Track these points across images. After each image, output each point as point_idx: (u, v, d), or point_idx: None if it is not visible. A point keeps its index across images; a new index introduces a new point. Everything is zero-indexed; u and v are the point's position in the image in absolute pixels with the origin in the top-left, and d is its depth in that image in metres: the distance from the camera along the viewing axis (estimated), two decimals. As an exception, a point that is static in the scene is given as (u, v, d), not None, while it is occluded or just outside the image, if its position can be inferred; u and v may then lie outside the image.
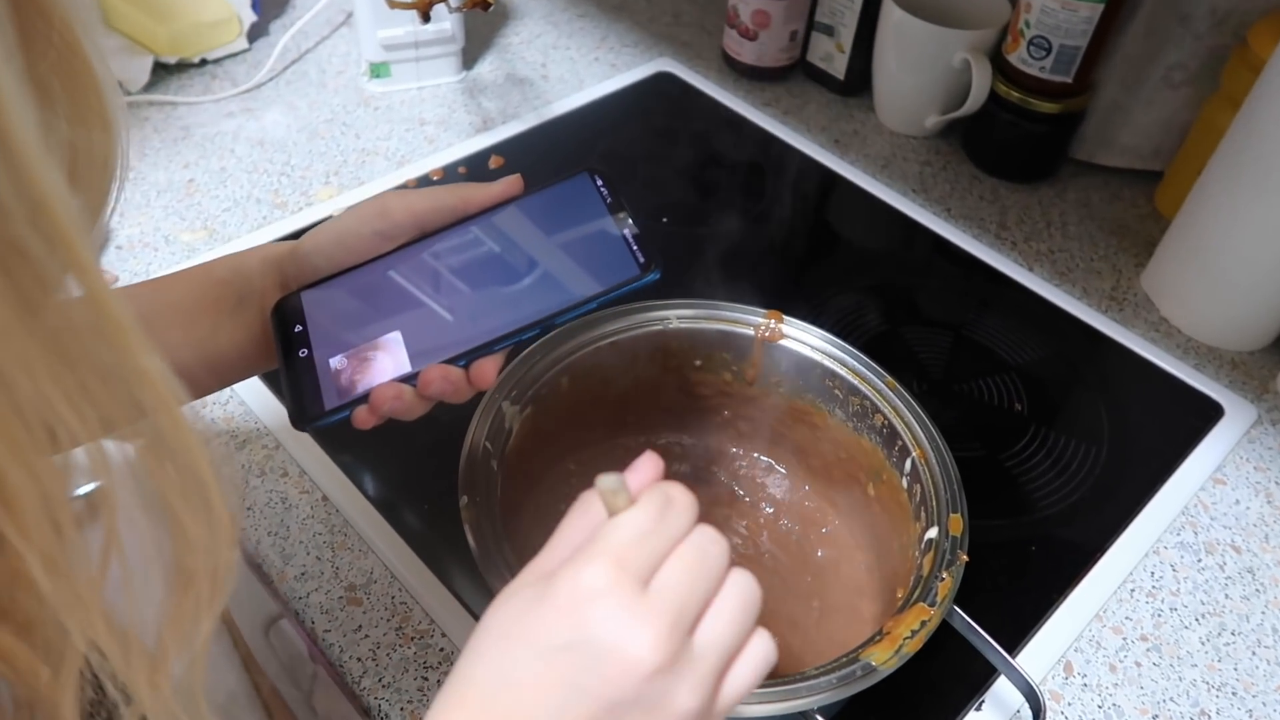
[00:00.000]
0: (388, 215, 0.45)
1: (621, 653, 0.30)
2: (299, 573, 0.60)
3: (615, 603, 0.31)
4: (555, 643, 0.31)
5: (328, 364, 0.43)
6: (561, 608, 0.31)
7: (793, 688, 0.44)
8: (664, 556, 0.32)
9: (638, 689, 0.30)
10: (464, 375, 0.42)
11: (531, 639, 0.31)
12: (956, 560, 0.49)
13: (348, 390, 0.42)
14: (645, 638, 0.30)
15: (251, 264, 0.46)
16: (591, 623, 0.31)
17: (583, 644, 0.30)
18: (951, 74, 0.90)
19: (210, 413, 0.68)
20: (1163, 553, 0.65)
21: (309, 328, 0.44)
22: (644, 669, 0.30)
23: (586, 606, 0.31)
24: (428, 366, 0.41)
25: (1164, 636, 0.60)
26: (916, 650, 0.45)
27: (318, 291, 0.45)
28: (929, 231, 0.87)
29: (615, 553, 0.32)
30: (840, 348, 0.59)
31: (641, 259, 0.44)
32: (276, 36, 1.01)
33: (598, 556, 0.32)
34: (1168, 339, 0.79)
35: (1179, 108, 0.86)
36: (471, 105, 0.97)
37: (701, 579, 0.33)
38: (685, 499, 0.34)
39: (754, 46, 0.99)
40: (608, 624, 0.30)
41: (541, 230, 0.46)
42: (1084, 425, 0.72)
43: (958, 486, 0.53)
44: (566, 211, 0.46)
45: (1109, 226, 0.89)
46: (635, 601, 0.31)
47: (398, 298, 0.44)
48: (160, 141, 0.90)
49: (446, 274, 0.45)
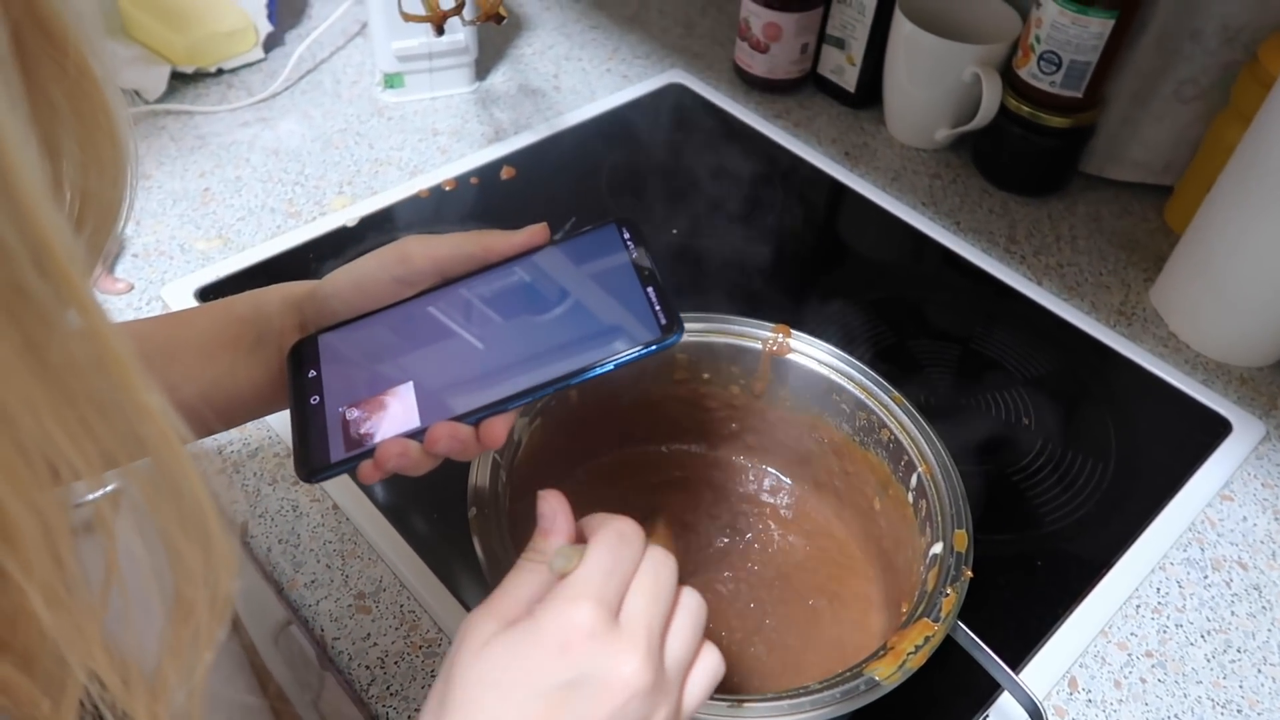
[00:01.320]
0: (408, 261, 0.45)
1: (617, 681, 0.34)
2: (309, 580, 0.61)
3: (604, 638, 0.34)
4: (554, 682, 0.34)
5: (338, 413, 0.42)
6: (553, 649, 0.34)
7: (796, 702, 0.44)
8: (627, 587, 0.36)
9: (628, 709, 0.34)
10: (473, 433, 0.41)
11: (528, 682, 0.34)
12: (961, 576, 0.50)
13: (355, 443, 0.41)
14: (633, 664, 0.34)
15: (272, 303, 0.46)
16: (586, 658, 0.34)
17: (581, 680, 0.34)
18: (962, 88, 0.91)
19: (223, 421, 0.69)
20: (1169, 569, 0.65)
21: (322, 374, 0.44)
22: (636, 690, 0.34)
23: (580, 645, 0.34)
24: (436, 424, 0.41)
25: (1169, 653, 0.60)
26: (920, 666, 0.46)
27: (334, 335, 0.45)
28: (938, 245, 0.87)
29: (594, 593, 0.35)
30: (848, 362, 0.59)
31: (664, 320, 0.43)
32: (292, 46, 1.02)
33: (580, 598, 0.35)
34: (1176, 354, 0.79)
35: (1189, 123, 0.87)
36: (484, 116, 0.98)
37: (660, 600, 0.37)
38: (633, 530, 0.38)
39: (765, 59, 0.99)
40: (601, 658, 0.34)
41: (563, 284, 0.45)
42: (1091, 440, 0.72)
43: (963, 502, 0.53)
44: (590, 264, 0.45)
45: (1118, 241, 0.89)
46: (617, 634, 0.35)
47: (412, 346, 0.44)
48: (176, 150, 0.91)
49: (463, 324, 0.44)
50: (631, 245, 0.46)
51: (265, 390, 0.46)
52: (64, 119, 0.24)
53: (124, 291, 0.77)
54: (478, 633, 0.36)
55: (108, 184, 0.25)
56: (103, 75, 0.24)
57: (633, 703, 0.34)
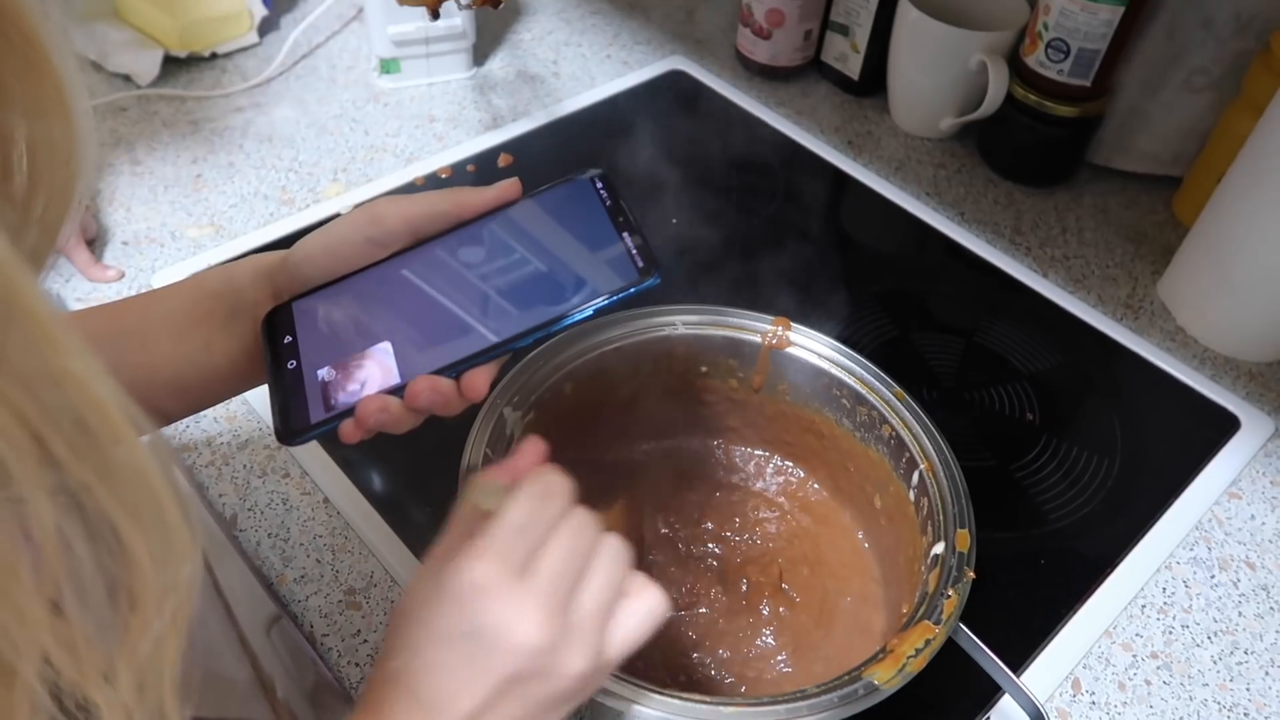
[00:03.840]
0: (380, 222, 0.44)
1: (509, 638, 0.35)
2: (298, 575, 0.59)
3: (498, 594, 0.35)
4: (454, 631, 0.35)
5: (316, 376, 0.42)
6: (454, 600, 0.35)
7: (793, 706, 0.43)
8: (542, 542, 0.37)
9: (529, 664, 0.35)
10: (454, 387, 0.41)
11: (435, 626, 0.35)
12: (963, 577, 0.48)
13: (334, 403, 0.41)
14: (526, 623, 0.35)
15: (244, 275, 0.45)
16: (480, 614, 0.35)
17: (476, 633, 0.35)
18: (968, 76, 0.89)
19: (211, 411, 0.68)
20: (1175, 568, 0.63)
21: (298, 339, 0.43)
22: (530, 647, 0.35)
23: (475, 599, 0.35)
24: (416, 378, 0.40)
25: (1175, 654, 0.59)
26: (921, 669, 0.45)
27: (309, 301, 0.44)
28: (942, 235, 0.86)
29: (496, 549, 0.36)
30: (848, 356, 0.58)
31: (640, 264, 0.42)
32: (287, 31, 1.01)
33: (482, 554, 0.36)
34: (1184, 349, 0.78)
35: (1200, 113, 0.85)
36: (482, 102, 0.96)
37: (575, 557, 0.37)
38: (561, 485, 0.39)
39: (768, 45, 0.98)
40: (493, 614, 0.35)
41: (538, 235, 0.44)
42: (1097, 436, 0.70)
43: (966, 501, 0.52)
44: (565, 216, 0.45)
45: (1126, 233, 0.87)
46: (515, 591, 0.35)
47: (389, 307, 0.43)
48: (169, 136, 0.89)
49: (439, 282, 0.43)
50: (605, 195, 0.45)
51: (243, 364, 0.45)
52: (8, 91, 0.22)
53: (114, 279, 0.76)
54: (422, 566, 0.38)
55: (59, 161, 0.24)
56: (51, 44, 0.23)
57: (533, 660, 0.35)
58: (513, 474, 0.39)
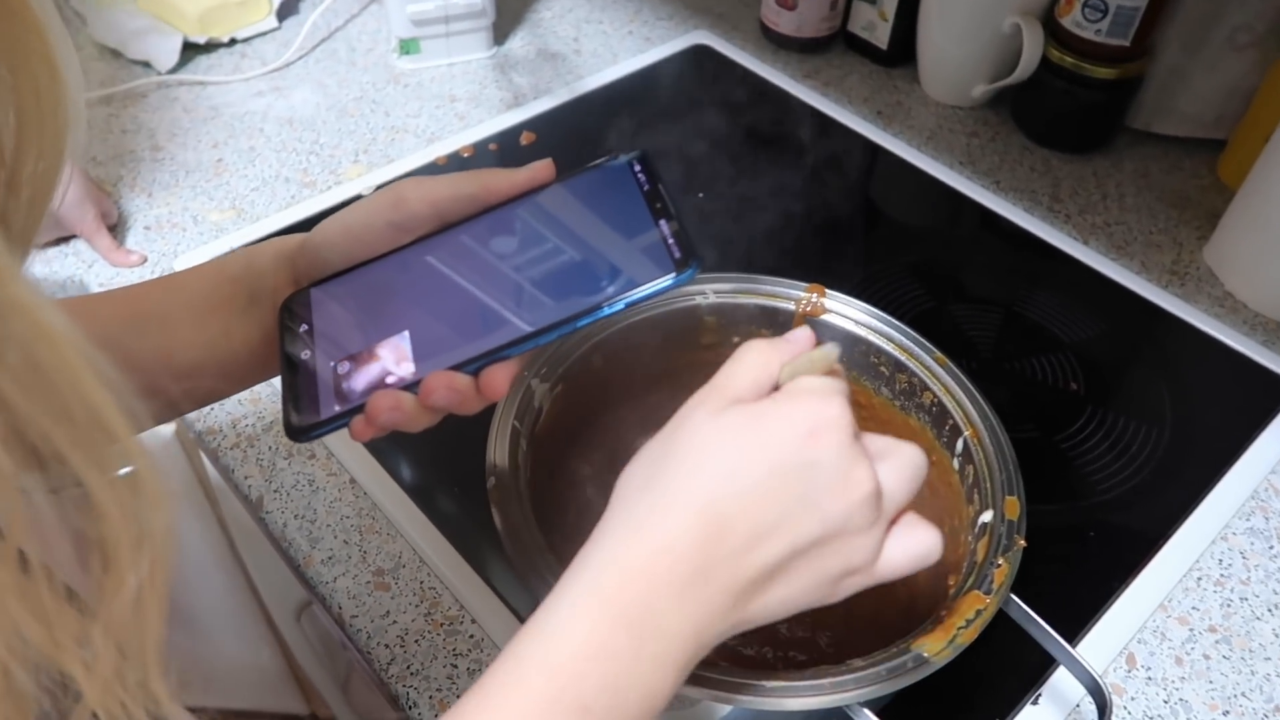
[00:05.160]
0: (403, 205, 0.42)
1: (854, 479, 0.34)
2: (326, 557, 0.58)
3: (850, 435, 0.34)
4: (795, 461, 0.33)
5: (329, 368, 0.40)
6: (800, 431, 0.34)
7: (839, 680, 0.41)
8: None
9: (852, 511, 0.34)
10: (472, 384, 0.38)
11: (767, 453, 0.34)
12: (1014, 545, 0.46)
13: (346, 398, 0.38)
14: (864, 469, 0.34)
15: (264, 259, 0.44)
16: (829, 450, 0.33)
17: (819, 464, 0.33)
18: (1000, 40, 0.86)
19: (237, 394, 0.67)
20: (1231, 539, 0.61)
21: (314, 328, 0.41)
22: (868, 493, 0.34)
23: (827, 436, 0.34)
24: (431, 374, 0.38)
25: (1234, 628, 0.57)
26: (971, 640, 0.43)
27: (327, 288, 0.42)
28: (977, 205, 0.83)
29: (844, 396, 0.35)
30: (886, 322, 0.56)
31: (677, 255, 0.39)
32: (306, 14, 1.00)
33: (833, 394, 0.35)
34: (1233, 314, 0.75)
35: (1244, 72, 0.82)
36: (503, 81, 0.95)
37: (879, 438, 0.37)
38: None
39: (793, 16, 0.95)
40: (843, 451, 0.34)
41: (570, 222, 0.42)
42: (1145, 405, 0.68)
43: (1014, 467, 0.50)
44: (599, 201, 0.42)
45: (1168, 198, 0.85)
46: (854, 442, 0.34)
47: (408, 296, 0.41)
48: (189, 121, 0.88)
49: (462, 270, 0.41)
50: (644, 179, 0.42)
51: (261, 351, 0.43)
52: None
53: (137, 264, 0.75)
54: (706, 406, 0.36)
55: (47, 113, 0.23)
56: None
57: (864, 507, 0.34)
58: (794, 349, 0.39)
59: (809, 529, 0.33)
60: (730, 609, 0.34)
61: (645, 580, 0.33)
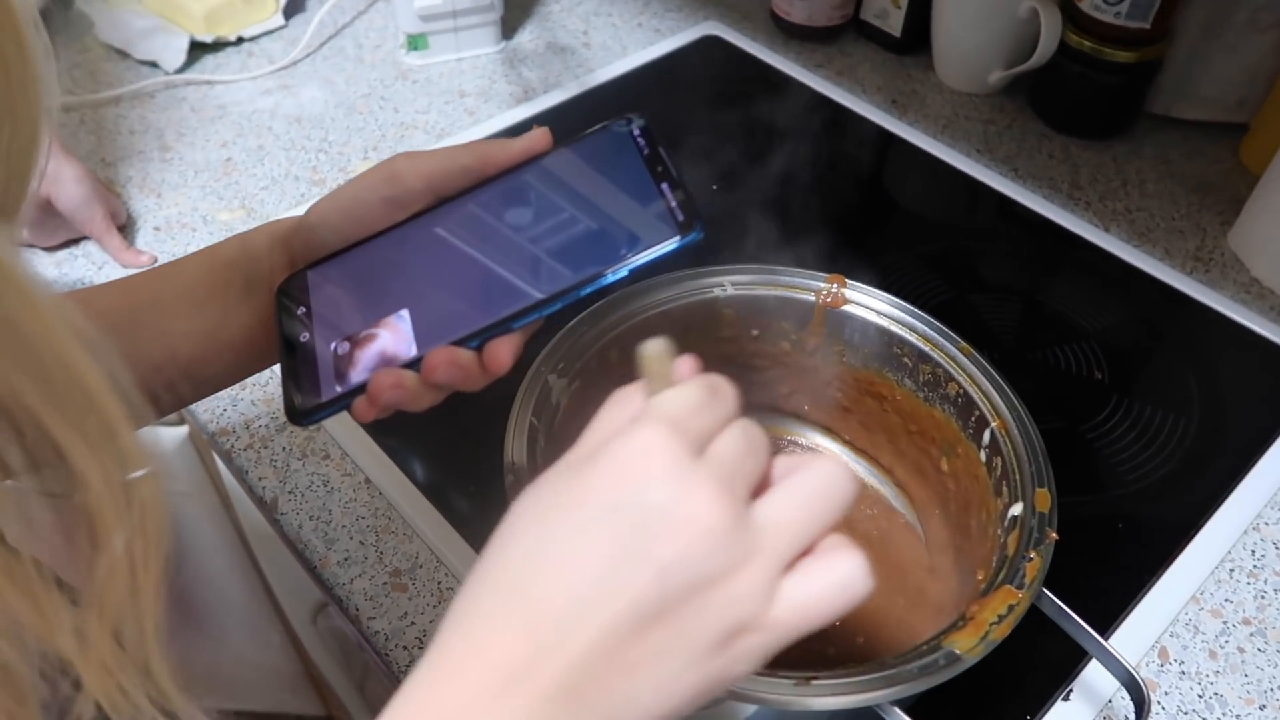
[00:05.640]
0: (397, 180, 0.41)
1: (676, 512, 0.26)
2: (342, 558, 0.58)
3: (670, 461, 0.27)
4: (601, 507, 0.27)
5: (329, 349, 0.39)
6: (608, 473, 0.27)
7: (868, 679, 0.40)
8: (715, 433, 0.29)
9: (693, 553, 0.26)
10: (475, 359, 0.37)
11: (572, 511, 0.27)
12: (1045, 538, 0.45)
13: (347, 379, 0.38)
14: (703, 497, 0.26)
15: (259, 243, 0.43)
16: (645, 481, 0.27)
17: (632, 505, 0.27)
18: (1017, 25, 0.85)
19: (249, 394, 0.66)
20: (1264, 529, 0.60)
21: (312, 309, 0.40)
22: (701, 528, 0.26)
23: (639, 465, 0.27)
24: (433, 350, 0.37)
25: (1269, 620, 0.56)
26: (1004, 637, 0.42)
27: (323, 269, 0.41)
28: (995, 193, 0.82)
29: (668, 418, 0.28)
30: (909, 312, 0.55)
31: (681, 218, 0.38)
32: (313, 12, 0.99)
33: (650, 420, 0.28)
34: (1260, 300, 0.73)
35: (1266, 53, 0.80)
36: (512, 75, 0.94)
37: (754, 458, 0.29)
38: (730, 388, 0.30)
39: (804, 5, 0.94)
40: (661, 483, 0.27)
41: (569, 191, 0.41)
42: (1171, 394, 0.67)
43: (1043, 459, 0.48)
44: (598, 168, 0.41)
45: (1190, 183, 0.83)
46: (691, 463, 0.27)
47: (406, 273, 0.40)
48: (197, 121, 0.88)
49: (460, 244, 0.40)
50: (643, 143, 0.41)
51: (261, 335, 0.42)
52: None
53: (148, 264, 0.75)
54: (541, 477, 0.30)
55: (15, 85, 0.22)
56: None
57: (706, 549, 0.26)
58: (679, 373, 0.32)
59: (646, 587, 0.26)
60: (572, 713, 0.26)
61: (461, 691, 0.26)
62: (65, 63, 0.93)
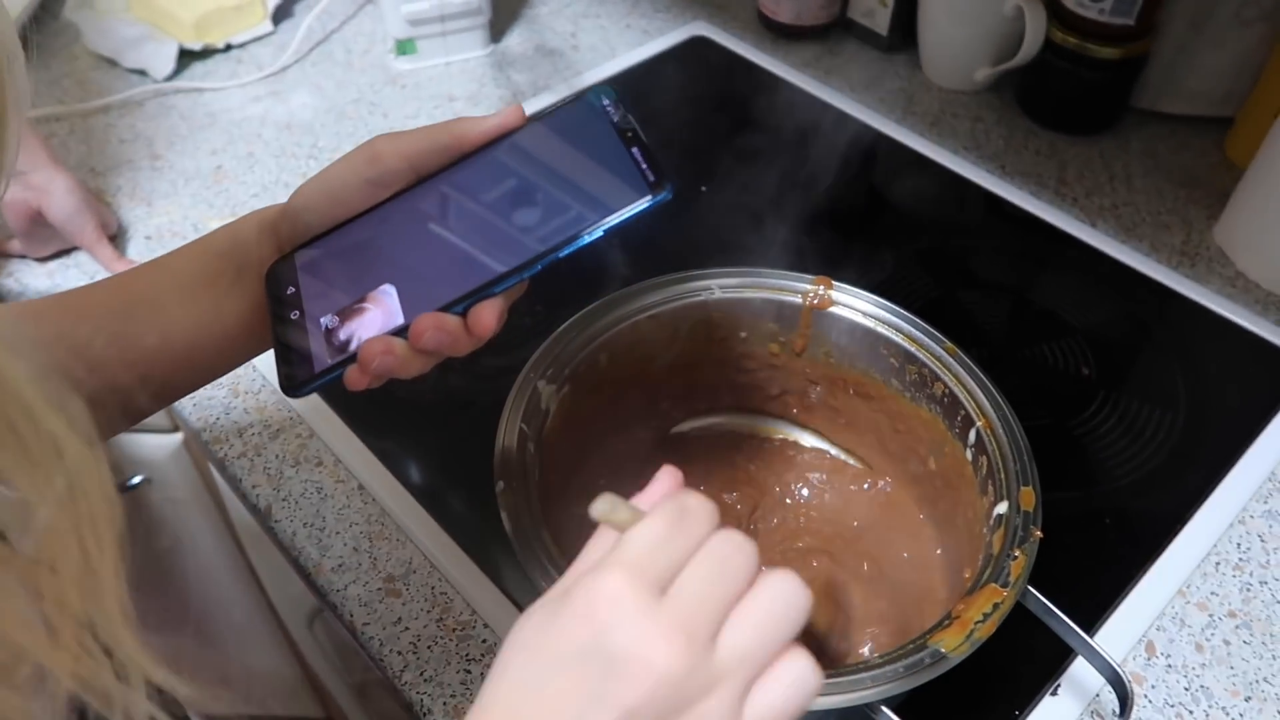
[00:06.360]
0: (378, 161, 0.42)
1: (637, 659, 0.29)
2: (336, 564, 0.58)
3: (630, 609, 0.29)
4: (571, 652, 0.30)
5: (319, 325, 0.40)
6: (577, 617, 0.30)
7: (856, 678, 0.41)
8: (682, 565, 0.31)
9: (655, 696, 0.29)
10: (460, 324, 0.39)
11: (550, 650, 0.30)
12: (1030, 537, 0.46)
13: (338, 350, 0.39)
14: (661, 644, 0.29)
15: (248, 231, 0.44)
16: (607, 630, 0.29)
17: (597, 651, 0.29)
18: (1003, 22, 0.85)
19: (242, 402, 0.66)
20: (1249, 522, 0.60)
21: (301, 289, 0.42)
22: (660, 675, 0.29)
23: (602, 613, 0.30)
24: (420, 317, 0.38)
25: (1254, 612, 0.56)
26: (989, 635, 0.42)
27: (310, 251, 0.43)
28: (983, 190, 0.82)
29: (629, 561, 0.30)
30: (894, 313, 0.55)
31: (651, 178, 0.40)
32: (301, 18, 0.99)
33: (612, 565, 0.30)
34: (1245, 294, 0.74)
35: (1251, 47, 0.81)
36: (501, 79, 0.94)
37: (722, 585, 0.31)
38: (702, 507, 0.32)
39: (792, 4, 0.95)
40: (622, 630, 0.29)
41: (543, 160, 0.42)
42: (1158, 389, 0.67)
43: (1028, 457, 0.49)
44: (571, 137, 0.43)
45: (1177, 178, 0.84)
46: (651, 607, 0.30)
47: (391, 248, 0.42)
48: (187, 129, 0.88)
49: (441, 218, 0.42)
50: (612, 111, 0.43)
51: (254, 324, 0.43)
52: None
53: (138, 275, 0.75)
54: (536, 601, 0.33)
55: None
56: None
57: (663, 693, 0.29)
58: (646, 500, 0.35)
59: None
60: None
61: None
62: (54, 72, 0.93)
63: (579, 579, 0.31)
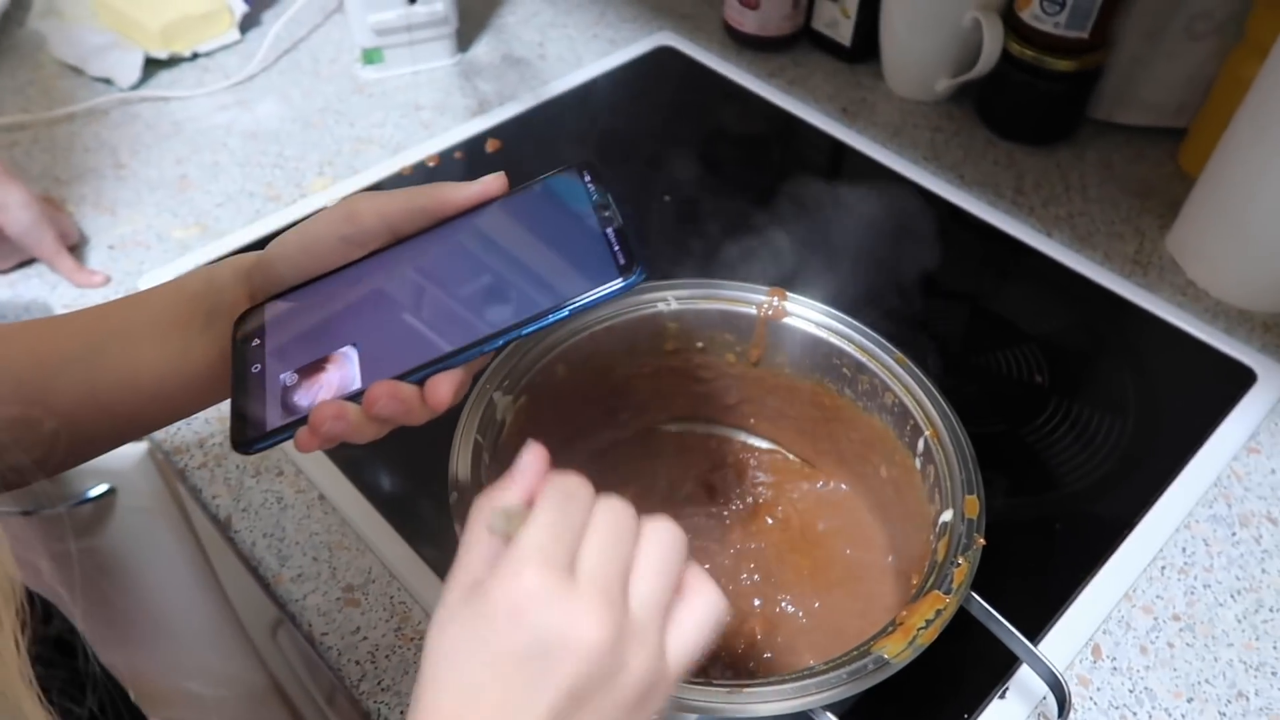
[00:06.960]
0: (355, 220, 0.42)
1: (570, 642, 0.31)
2: (295, 574, 0.58)
3: (551, 597, 0.32)
4: (507, 651, 0.31)
5: (278, 381, 0.40)
6: (503, 617, 0.32)
7: (800, 684, 0.42)
8: (579, 540, 0.34)
9: (592, 668, 0.31)
10: (417, 394, 0.38)
11: (483, 654, 0.32)
12: (973, 544, 0.47)
13: (292, 410, 0.39)
14: (587, 618, 0.31)
15: (223, 276, 0.44)
16: (535, 623, 0.31)
17: (533, 645, 0.31)
18: (961, 35, 0.87)
19: (202, 413, 0.66)
20: (1195, 527, 0.62)
21: (265, 342, 0.41)
22: (594, 648, 0.31)
23: (527, 610, 0.31)
24: (375, 383, 0.38)
25: (1197, 615, 0.57)
26: (931, 641, 0.43)
27: (280, 303, 0.43)
28: (942, 200, 0.84)
29: (535, 554, 0.33)
30: (847, 324, 0.56)
31: (622, 260, 0.40)
32: (268, 26, 0.99)
33: (523, 562, 0.32)
34: (1195, 303, 0.75)
35: (1203, 60, 0.82)
36: (467, 88, 0.94)
37: (619, 547, 0.34)
38: (580, 484, 0.35)
39: (756, 15, 0.96)
40: (550, 618, 0.31)
41: (518, 233, 0.42)
42: (1109, 396, 0.69)
43: (973, 466, 0.50)
44: (547, 212, 0.43)
45: (1131, 188, 0.85)
46: (569, 589, 0.32)
47: (358, 309, 0.41)
48: (152, 138, 0.88)
49: (411, 283, 0.41)
50: (592, 188, 0.43)
51: (221, 367, 0.43)
52: None
53: (101, 284, 0.75)
54: (444, 604, 0.34)
55: None
56: None
57: (599, 661, 0.31)
58: (523, 491, 0.36)
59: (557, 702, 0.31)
60: None
61: None
62: (19, 80, 0.93)
63: (491, 578, 0.32)
